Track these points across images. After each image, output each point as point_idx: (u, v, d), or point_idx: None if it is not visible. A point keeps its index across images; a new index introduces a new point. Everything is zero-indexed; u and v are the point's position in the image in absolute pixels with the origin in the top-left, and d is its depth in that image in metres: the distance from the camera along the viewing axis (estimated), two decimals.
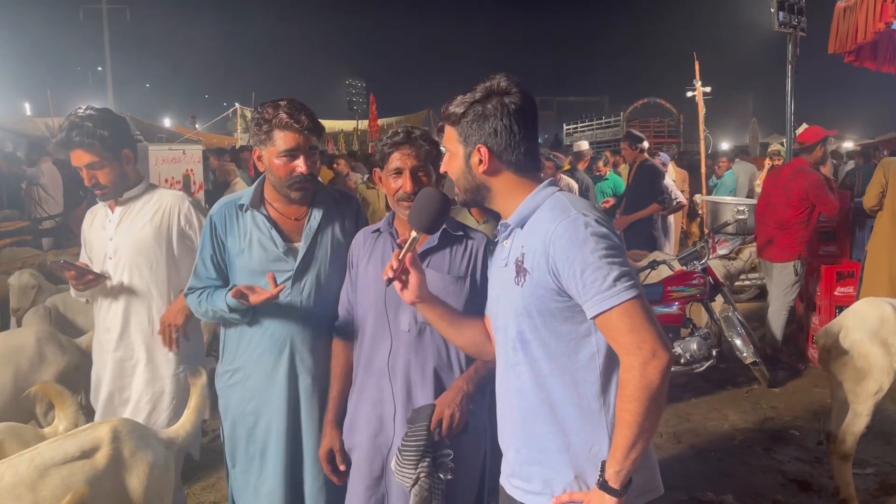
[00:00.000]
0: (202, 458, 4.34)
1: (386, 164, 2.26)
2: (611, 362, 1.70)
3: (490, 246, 2.21)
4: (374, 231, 2.36)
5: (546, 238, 1.67)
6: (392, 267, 1.87)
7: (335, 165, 7.89)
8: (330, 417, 2.37)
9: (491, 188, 1.82)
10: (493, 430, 1.99)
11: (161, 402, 3.04)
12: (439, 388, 2.20)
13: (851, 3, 5.83)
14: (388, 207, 2.83)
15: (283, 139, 2.36)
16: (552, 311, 1.70)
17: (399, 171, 2.23)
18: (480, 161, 1.77)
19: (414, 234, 1.87)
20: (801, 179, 5.83)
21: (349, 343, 2.38)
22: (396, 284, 1.91)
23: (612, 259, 1.61)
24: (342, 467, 2.33)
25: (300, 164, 2.38)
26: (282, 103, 2.38)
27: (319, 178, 2.64)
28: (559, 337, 1.71)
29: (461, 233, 2.28)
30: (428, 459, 2.06)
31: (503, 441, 1.90)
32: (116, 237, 3.00)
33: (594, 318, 1.62)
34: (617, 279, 1.59)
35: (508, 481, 1.86)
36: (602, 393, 1.71)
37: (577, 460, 1.72)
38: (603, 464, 1.63)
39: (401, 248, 1.88)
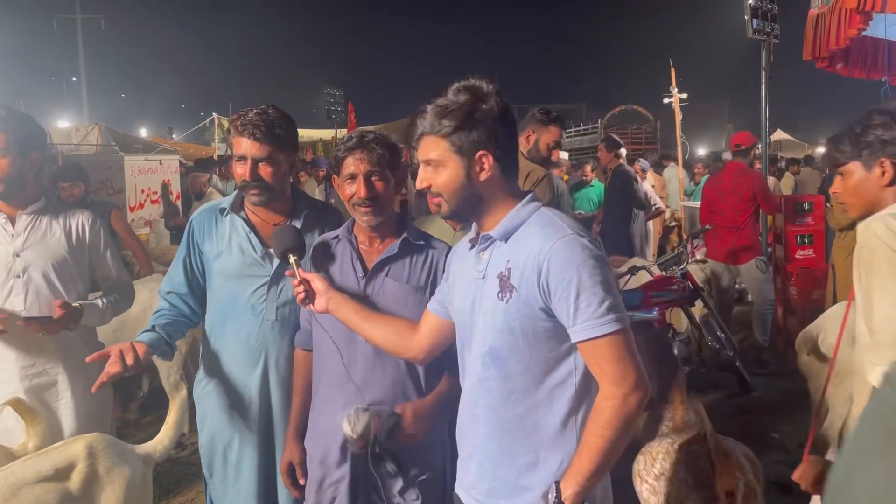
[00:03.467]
0: (181, 473, 4.30)
1: (341, 170, 2.20)
2: (587, 380, 1.68)
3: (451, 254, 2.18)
4: (334, 238, 2.32)
5: (540, 256, 1.61)
6: (298, 292, 2.10)
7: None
8: (291, 431, 2.34)
9: (486, 198, 1.74)
10: (453, 443, 1.96)
11: None
12: (398, 400, 2.17)
13: (824, 11, 5.91)
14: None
15: (236, 144, 2.39)
16: (536, 330, 1.66)
17: (353, 177, 2.17)
18: (482, 169, 1.70)
19: (291, 258, 2.14)
20: (748, 179, 6.06)
21: (310, 354, 2.34)
22: (311, 305, 2.11)
23: (608, 286, 1.59)
24: (302, 481, 2.30)
25: (245, 172, 2.37)
26: (252, 110, 2.38)
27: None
28: (539, 355, 1.68)
29: (422, 242, 2.25)
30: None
31: (465, 451, 1.85)
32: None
33: (581, 342, 1.61)
34: (610, 308, 1.58)
35: (468, 492, 1.82)
36: (576, 410, 1.69)
37: (547, 476, 1.68)
38: (557, 484, 1.62)
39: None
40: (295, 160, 2.53)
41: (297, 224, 2.48)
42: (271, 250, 2.45)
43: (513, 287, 1.66)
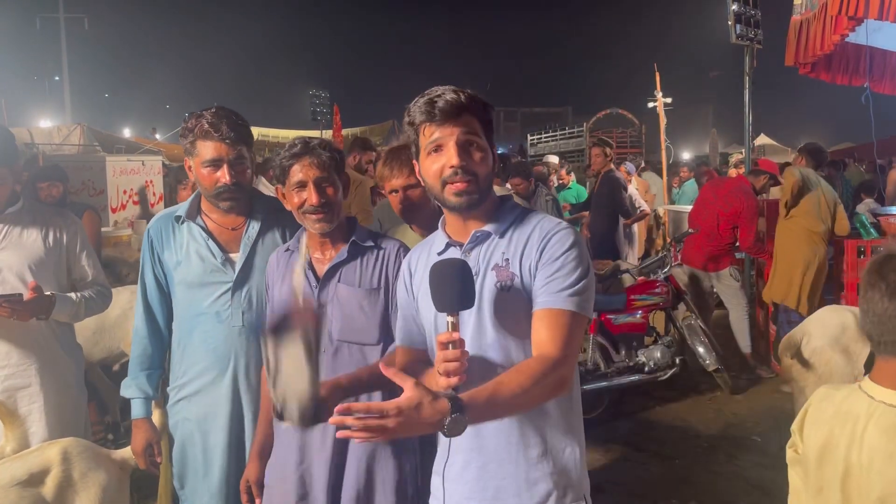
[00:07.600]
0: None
1: (287, 179, 2.12)
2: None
3: (404, 253, 2.09)
4: (286, 251, 2.27)
5: (539, 242, 1.66)
6: (450, 371, 1.50)
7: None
8: (255, 449, 2.29)
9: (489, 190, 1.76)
10: (423, 455, 1.90)
11: None
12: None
13: (807, 17, 5.95)
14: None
15: (205, 149, 2.32)
16: (529, 316, 1.64)
17: (303, 184, 2.10)
18: (494, 160, 1.74)
19: (451, 318, 1.54)
20: (742, 198, 5.94)
21: None
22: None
23: (587, 277, 1.64)
24: (258, 500, 2.25)
25: (223, 175, 2.33)
26: (206, 112, 2.33)
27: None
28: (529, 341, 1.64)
29: (371, 243, 2.20)
30: None
31: (458, 461, 1.74)
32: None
33: (546, 308, 1.59)
34: (582, 293, 1.62)
35: (467, 503, 1.72)
36: (569, 396, 1.70)
37: (553, 465, 1.67)
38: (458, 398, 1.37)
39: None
40: (252, 157, 2.49)
41: (257, 225, 2.45)
42: (232, 255, 2.43)
43: (513, 274, 1.67)
